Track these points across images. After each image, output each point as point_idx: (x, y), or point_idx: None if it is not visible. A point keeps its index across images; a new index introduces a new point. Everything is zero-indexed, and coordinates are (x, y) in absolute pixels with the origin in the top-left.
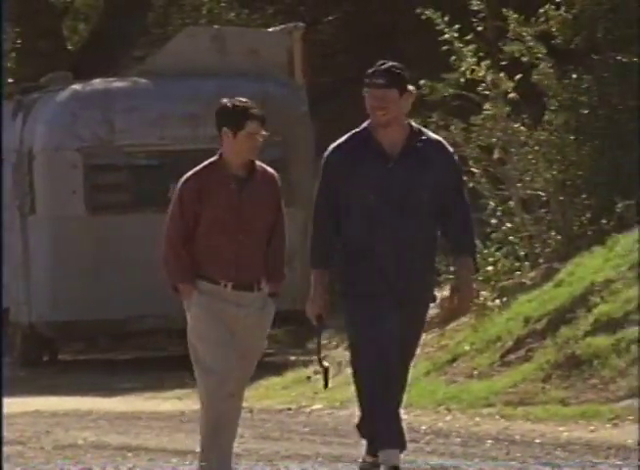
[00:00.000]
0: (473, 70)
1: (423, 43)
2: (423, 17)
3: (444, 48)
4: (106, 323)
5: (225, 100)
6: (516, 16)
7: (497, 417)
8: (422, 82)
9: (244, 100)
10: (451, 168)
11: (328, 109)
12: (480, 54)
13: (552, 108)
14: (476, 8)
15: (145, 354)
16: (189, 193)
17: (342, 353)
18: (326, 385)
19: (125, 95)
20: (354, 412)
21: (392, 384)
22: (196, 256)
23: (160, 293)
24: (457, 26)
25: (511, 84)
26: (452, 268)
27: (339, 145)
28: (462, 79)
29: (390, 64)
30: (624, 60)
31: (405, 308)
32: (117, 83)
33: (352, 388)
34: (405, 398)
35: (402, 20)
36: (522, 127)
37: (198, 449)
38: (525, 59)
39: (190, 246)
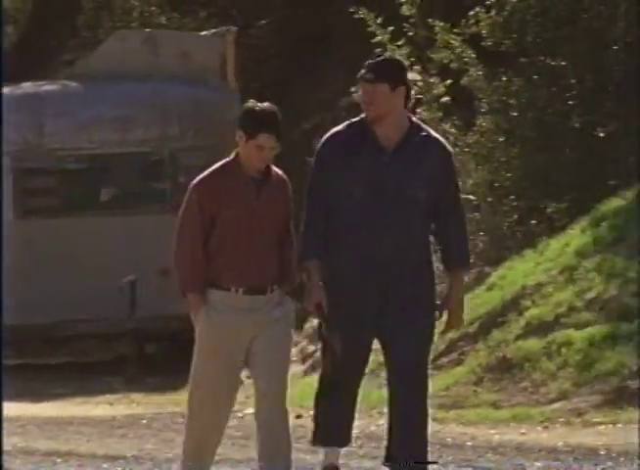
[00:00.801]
0: None
1: (357, 47)
2: (356, 16)
3: (377, 50)
4: (35, 328)
5: (253, 102)
6: (442, 24)
7: (429, 420)
8: (353, 89)
9: (269, 107)
10: (447, 169)
11: None
12: (412, 59)
13: (482, 110)
14: (407, 13)
15: (75, 359)
16: (206, 194)
17: None
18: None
19: (55, 98)
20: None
21: (349, 397)
22: (208, 260)
23: (91, 297)
24: (390, 29)
25: (443, 88)
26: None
27: (333, 134)
28: None
29: (385, 56)
30: (553, 63)
31: (399, 309)
32: (47, 87)
33: (290, 390)
34: None
35: (336, 23)
36: (452, 130)
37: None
38: (454, 65)
39: (205, 250)
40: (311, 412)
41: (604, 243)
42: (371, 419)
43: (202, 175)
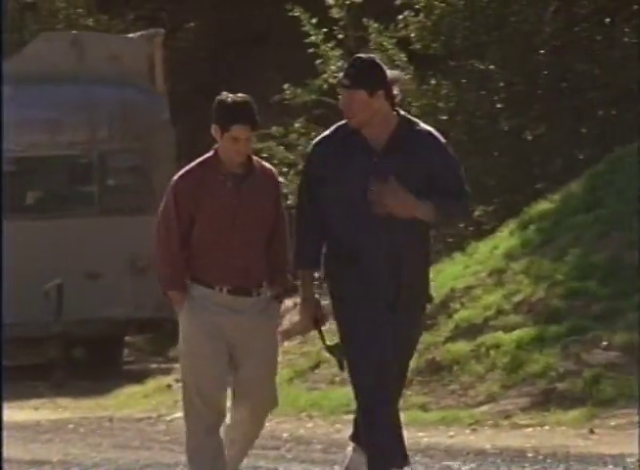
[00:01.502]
0: (336, 77)
1: (289, 48)
2: (291, 14)
3: (311, 51)
4: None
5: (225, 94)
6: (376, 25)
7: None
8: (285, 86)
9: (241, 97)
10: (444, 159)
11: (189, 115)
12: (344, 61)
13: (412, 113)
14: (337, 16)
15: None
16: (183, 192)
17: None
18: (341, 367)
19: None
20: None
21: (392, 400)
22: (190, 257)
23: (16, 301)
24: (324, 30)
25: None
26: None
27: (322, 139)
28: (324, 85)
29: (363, 60)
30: (482, 66)
31: (398, 313)
32: None
33: None
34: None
35: (268, 25)
36: None
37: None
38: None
39: (186, 249)
40: None
41: (532, 245)
42: (300, 422)
43: (180, 172)
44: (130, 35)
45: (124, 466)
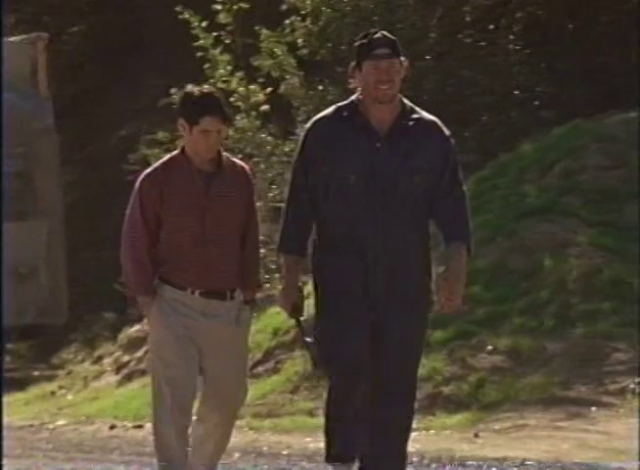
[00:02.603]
0: (225, 81)
1: (173, 53)
2: (181, 17)
3: (199, 54)
4: None
5: (190, 87)
6: (267, 32)
7: (246, 429)
8: (173, 90)
9: (208, 89)
10: (446, 152)
11: (74, 120)
12: (232, 66)
13: (299, 119)
14: (224, 21)
15: None
16: (148, 192)
17: (88, 368)
18: (315, 365)
19: None
20: (100, 427)
21: (354, 406)
22: (159, 258)
23: None
24: (214, 34)
25: (262, 97)
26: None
27: (321, 118)
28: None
29: (384, 34)
30: None
31: (392, 310)
32: None
33: (96, 404)
34: (148, 412)
35: (153, 29)
36: (269, 138)
37: None
38: (275, 73)
39: (154, 251)
40: (126, 423)
41: None
42: (244, 434)
43: (145, 172)
44: (11, 39)
45: None
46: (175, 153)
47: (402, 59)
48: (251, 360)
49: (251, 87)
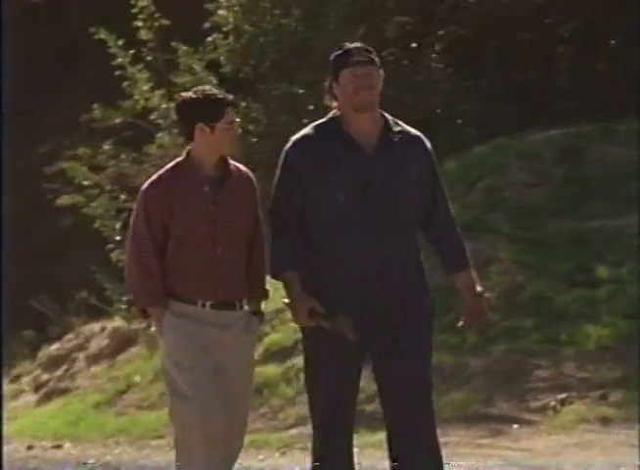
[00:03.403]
0: (147, 99)
1: (98, 69)
2: (96, 37)
3: (118, 73)
4: None
5: (189, 93)
6: (185, 48)
7: (167, 449)
8: (94, 106)
9: (207, 86)
10: (433, 166)
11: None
12: (153, 83)
13: None
14: (145, 38)
15: None
16: (154, 201)
17: (6, 387)
18: (352, 335)
19: None
20: (18, 447)
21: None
22: (166, 270)
23: None
24: (131, 52)
25: None
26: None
27: (301, 137)
28: (137, 107)
29: (361, 45)
30: (291, 90)
31: (389, 332)
32: None
33: (15, 423)
34: (73, 431)
35: (77, 44)
36: None
37: None
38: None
39: (162, 262)
40: (44, 443)
41: None
42: (107, 449)
43: (150, 179)
44: None
45: None
46: (180, 159)
47: (380, 71)
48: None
49: (172, 104)
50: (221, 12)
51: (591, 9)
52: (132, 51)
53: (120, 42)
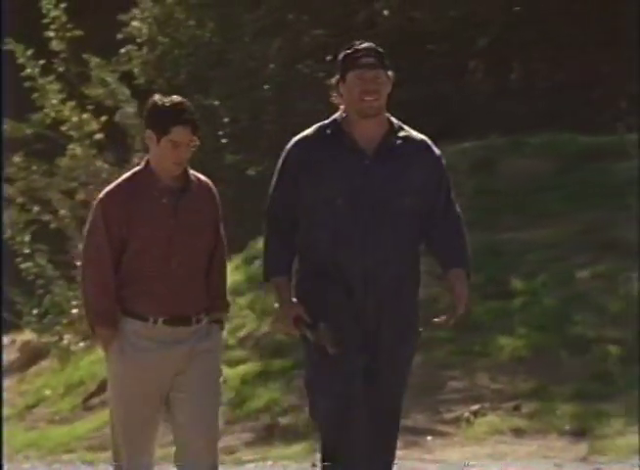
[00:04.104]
0: (59, 111)
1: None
2: (5, 48)
3: (28, 84)
4: None
5: (157, 96)
6: (98, 60)
7: (78, 463)
8: (4, 119)
9: (178, 98)
10: (438, 172)
11: None
12: (64, 95)
13: (137, 148)
14: (57, 49)
15: None
16: (113, 211)
17: None
18: (335, 344)
19: None
20: None
21: (357, 453)
22: (119, 284)
23: None
24: (41, 62)
25: (96, 125)
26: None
27: (302, 138)
28: (47, 120)
29: (370, 45)
30: (206, 102)
31: (381, 345)
32: None
33: None
34: None
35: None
36: (105, 166)
37: None
38: (108, 102)
39: (117, 275)
40: None
41: (257, 280)
42: (16, 464)
43: (107, 189)
44: None
45: None
46: (139, 168)
47: (389, 73)
48: (84, 392)
49: (84, 116)
50: (135, 23)
51: (504, 25)
52: (42, 62)
53: (29, 52)
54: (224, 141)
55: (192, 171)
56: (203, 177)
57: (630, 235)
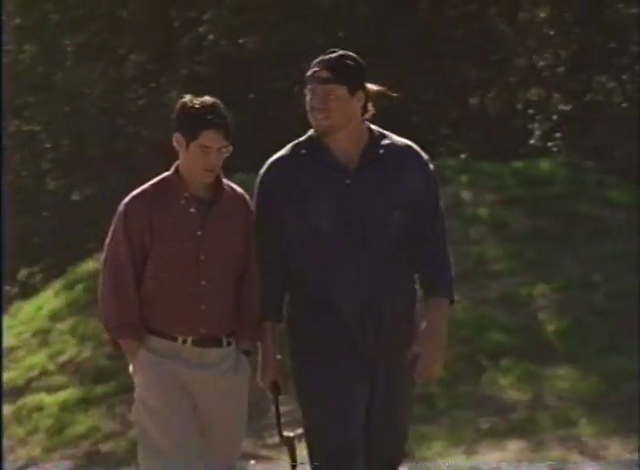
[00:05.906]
0: None
1: None
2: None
3: None
4: None
5: (188, 97)
6: None
7: None
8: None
9: (210, 100)
10: (426, 180)
11: None
12: None
13: None
14: None
15: None
16: (136, 219)
17: None
18: (293, 460)
19: None
20: None
21: None
22: (142, 299)
23: None
24: None
25: None
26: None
27: (277, 159)
28: None
29: (343, 53)
30: (28, 127)
31: (379, 375)
32: None
33: None
34: None
35: None
36: None
37: None
38: None
39: (141, 290)
40: None
41: (78, 305)
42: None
43: (131, 195)
44: None
45: None
46: (167, 174)
47: (357, 86)
48: None
49: None
50: None
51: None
52: None
53: None
54: (46, 167)
55: (226, 181)
56: (238, 188)
57: None
